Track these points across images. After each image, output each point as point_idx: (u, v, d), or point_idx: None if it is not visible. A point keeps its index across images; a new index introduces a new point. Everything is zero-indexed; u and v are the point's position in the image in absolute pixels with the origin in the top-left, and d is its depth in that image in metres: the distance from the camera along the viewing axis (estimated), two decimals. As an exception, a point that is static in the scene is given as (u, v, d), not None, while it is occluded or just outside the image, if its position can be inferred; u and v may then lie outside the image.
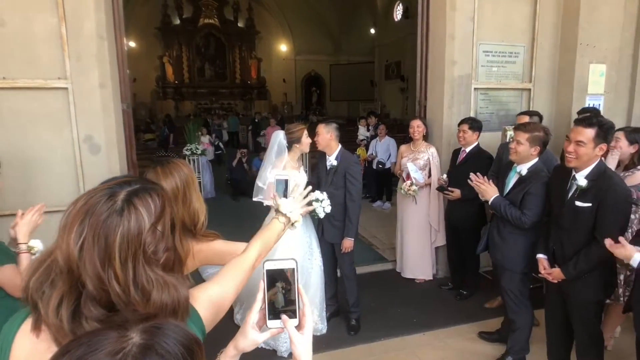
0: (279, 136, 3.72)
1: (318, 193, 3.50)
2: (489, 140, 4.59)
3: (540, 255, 2.92)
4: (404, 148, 4.98)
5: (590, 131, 2.50)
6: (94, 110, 3.60)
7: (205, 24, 22.25)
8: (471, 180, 3.28)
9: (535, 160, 3.10)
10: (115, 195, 0.93)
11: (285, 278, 1.07)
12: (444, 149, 4.76)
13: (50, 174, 3.57)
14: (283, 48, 25.29)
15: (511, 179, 3.21)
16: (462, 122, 4.29)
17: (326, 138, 3.78)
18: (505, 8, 4.74)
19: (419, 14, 4.92)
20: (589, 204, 2.54)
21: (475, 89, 4.76)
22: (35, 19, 3.39)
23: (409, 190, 4.60)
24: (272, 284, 1.07)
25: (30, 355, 0.93)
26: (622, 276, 3.23)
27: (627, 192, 2.56)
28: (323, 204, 3.50)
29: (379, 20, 21.72)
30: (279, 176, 2.17)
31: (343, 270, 3.98)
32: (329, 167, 3.83)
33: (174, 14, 21.67)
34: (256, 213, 4.19)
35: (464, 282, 4.56)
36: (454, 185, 4.24)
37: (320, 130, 3.80)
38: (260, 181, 3.72)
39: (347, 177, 3.73)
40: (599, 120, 2.57)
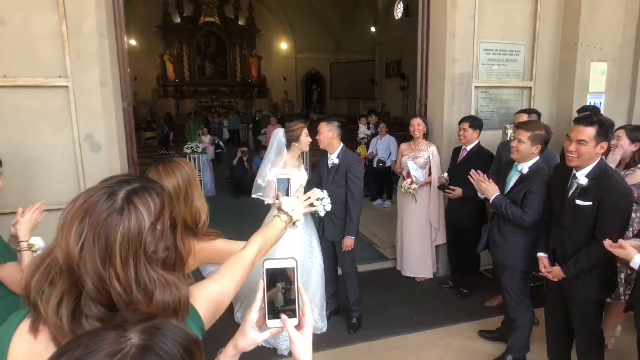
0: (278, 134, 3.72)
1: (318, 191, 3.49)
2: (490, 139, 4.58)
3: (540, 254, 2.92)
4: (404, 146, 4.97)
5: (591, 130, 2.49)
6: (95, 108, 3.60)
7: (205, 22, 22.24)
8: (472, 178, 3.27)
9: (537, 158, 3.09)
10: (115, 194, 0.93)
11: (285, 277, 1.06)
12: (445, 147, 4.75)
13: (51, 173, 3.57)
14: (283, 46, 25.26)
15: (512, 178, 3.20)
16: (463, 121, 4.29)
17: (328, 136, 3.78)
18: (506, 6, 4.72)
19: (420, 12, 4.91)
20: (590, 203, 2.54)
21: (475, 87, 4.75)
22: (36, 17, 3.39)
23: (409, 188, 4.60)
24: (272, 283, 1.06)
25: (28, 355, 0.93)
26: (623, 275, 3.23)
27: (628, 191, 2.55)
28: (323, 202, 3.49)
29: (380, 19, 21.66)
30: (281, 175, 2.17)
31: (344, 269, 3.98)
32: (330, 166, 3.83)
33: (174, 12, 21.65)
34: (257, 211, 4.19)
35: (465, 281, 4.56)
36: (455, 184, 4.24)
37: (322, 129, 3.79)
38: (259, 178, 3.73)
39: (349, 176, 3.73)
40: (599, 118, 2.56)
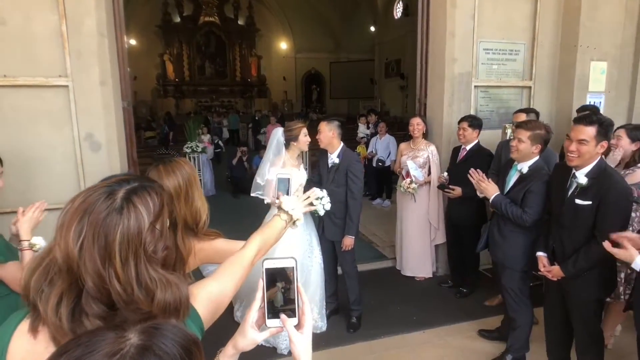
0: (277, 133, 3.73)
1: (318, 190, 3.49)
2: (489, 138, 4.58)
3: (540, 253, 2.92)
4: (403, 146, 4.97)
5: (591, 129, 2.49)
6: (95, 108, 3.60)
7: (205, 22, 22.22)
8: (471, 177, 3.27)
9: (537, 158, 3.09)
10: (114, 193, 0.93)
11: (285, 277, 1.06)
12: (444, 146, 4.75)
13: (51, 172, 3.56)
14: (283, 46, 25.25)
15: (512, 177, 3.20)
16: (462, 120, 4.29)
17: (328, 136, 3.77)
18: (505, 5, 4.72)
19: (419, 12, 4.91)
20: (589, 202, 2.54)
21: (475, 86, 4.75)
22: (36, 17, 3.39)
23: (408, 188, 4.60)
24: (272, 283, 1.06)
25: (28, 355, 0.93)
26: (623, 274, 3.23)
27: (628, 191, 2.55)
28: (323, 201, 3.49)
29: (379, 18, 21.66)
30: (281, 175, 2.17)
31: (344, 268, 3.98)
32: (330, 165, 3.83)
33: (174, 12, 21.63)
34: (257, 211, 4.19)
35: (464, 280, 4.56)
36: (455, 183, 4.24)
37: (323, 128, 3.79)
38: (259, 177, 3.74)
39: (349, 175, 3.73)
40: (599, 117, 2.56)
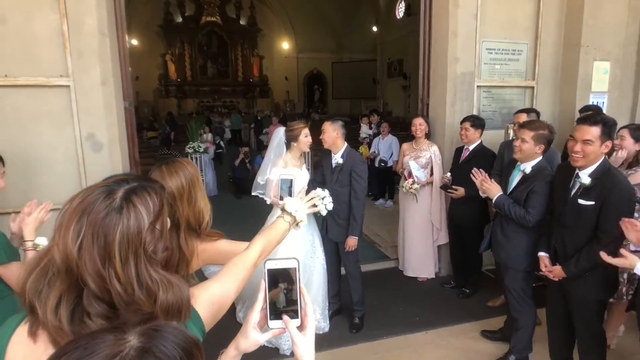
0: (279, 133, 3.73)
1: (319, 190, 3.48)
2: (492, 138, 4.56)
3: (541, 253, 2.91)
4: (406, 146, 4.96)
5: (595, 129, 2.48)
6: (96, 108, 3.60)
7: (207, 22, 22.22)
8: (474, 177, 3.26)
9: (540, 158, 3.08)
10: (114, 193, 0.92)
11: (287, 278, 1.05)
12: (447, 147, 4.74)
13: (52, 172, 3.56)
14: (285, 46, 25.24)
15: (515, 178, 3.19)
16: (464, 120, 4.28)
17: (332, 136, 3.76)
18: (508, 5, 4.70)
19: (422, 11, 4.90)
20: (592, 202, 2.52)
21: (478, 86, 4.73)
22: (37, 16, 3.38)
23: (410, 188, 4.59)
24: (274, 284, 1.05)
25: None
26: (626, 275, 3.23)
27: (631, 191, 2.54)
28: (325, 201, 3.49)
29: (381, 18, 21.64)
30: (284, 176, 2.16)
31: (348, 269, 3.97)
32: (334, 165, 3.81)
33: (176, 12, 21.63)
34: (259, 211, 4.19)
35: (467, 281, 4.55)
36: (458, 184, 4.22)
37: (327, 128, 3.78)
38: (259, 177, 3.73)
39: (353, 176, 3.71)
40: (603, 117, 2.55)
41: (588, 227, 2.57)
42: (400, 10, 20.02)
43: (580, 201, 2.57)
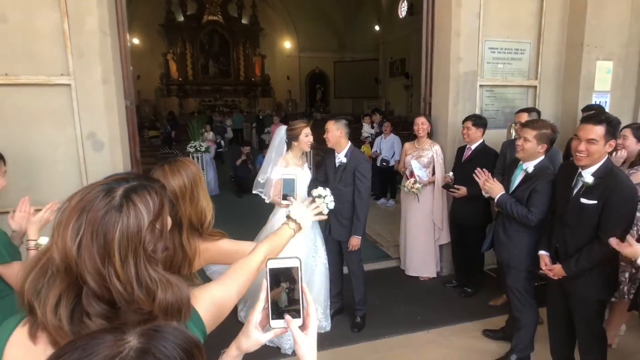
0: (281, 132, 3.72)
1: (321, 189, 3.49)
2: (495, 138, 4.54)
3: (542, 252, 2.91)
4: (408, 145, 4.95)
5: (600, 128, 2.47)
6: (97, 106, 3.59)
7: (209, 21, 22.21)
8: (477, 176, 3.25)
9: (542, 157, 3.07)
10: (113, 191, 0.91)
11: (289, 277, 1.04)
12: (449, 146, 4.73)
13: (53, 171, 3.56)
14: (287, 45, 25.22)
15: (517, 177, 3.18)
16: (466, 119, 4.27)
17: (336, 135, 3.75)
18: (511, 4, 4.69)
19: (424, 11, 4.88)
20: (595, 202, 2.52)
21: (480, 85, 4.71)
22: (37, 15, 3.38)
23: (412, 188, 4.58)
24: (276, 283, 1.04)
25: None
26: (627, 274, 3.21)
27: (634, 191, 2.53)
28: (326, 200, 3.48)
29: (384, 17, 21.62)
30: (287, 176, 2.16)
31: (351, 268, 3.96)
32: (337, 165, 3.80)
33: (177, 11, 21.63)
34: (261, 211, 4.18)
35: (469, 280, 4.54)
36: (460, 183, 4.21)
37: (330, 127, 3.76)
38: (260, 176, 3.73)
39: (357, 175, 3.70)
40: (607, 116, 2.54)
41: (590, 227, 2.57)
42: (402, 10, 19.99)
43: (583, 200, 2.56)
